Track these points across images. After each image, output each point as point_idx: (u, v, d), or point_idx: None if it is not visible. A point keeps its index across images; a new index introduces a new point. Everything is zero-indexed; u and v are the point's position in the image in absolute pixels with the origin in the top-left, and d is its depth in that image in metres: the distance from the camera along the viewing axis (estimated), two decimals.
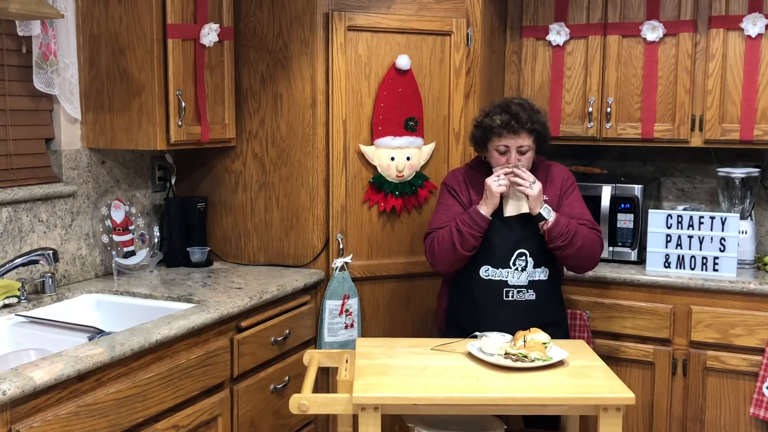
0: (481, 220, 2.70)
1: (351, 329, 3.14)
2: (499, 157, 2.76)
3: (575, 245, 2.70)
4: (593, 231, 2.79)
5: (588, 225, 2.78)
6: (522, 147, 2.73)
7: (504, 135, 2.72)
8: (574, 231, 2.70)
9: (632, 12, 3.38)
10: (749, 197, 3.37)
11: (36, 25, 2.63)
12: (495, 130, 2.73)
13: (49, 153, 2.82)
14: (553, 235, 2.68)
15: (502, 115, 2.73)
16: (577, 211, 2.81)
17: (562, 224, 2.68)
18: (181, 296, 2.67)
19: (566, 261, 2.79)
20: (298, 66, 3.09)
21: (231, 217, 3.29)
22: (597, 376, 2.34)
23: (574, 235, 2.69)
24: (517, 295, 2.75)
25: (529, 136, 2.74)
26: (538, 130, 2.76)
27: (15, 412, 1.82)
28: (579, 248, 2.72)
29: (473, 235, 2.70)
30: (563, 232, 2.68)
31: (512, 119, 2.71)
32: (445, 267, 2.81)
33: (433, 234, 2.81)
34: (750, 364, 3.03)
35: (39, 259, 2.51)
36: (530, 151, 2.76)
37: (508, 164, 2.73)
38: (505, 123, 2.71)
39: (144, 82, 2.78)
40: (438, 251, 2.76)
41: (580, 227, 2.74)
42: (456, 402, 2.21)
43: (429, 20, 3.18)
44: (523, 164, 2.74)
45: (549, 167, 2.90)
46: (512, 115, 2.72)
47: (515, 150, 2.73)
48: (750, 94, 3.20)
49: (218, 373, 2.51)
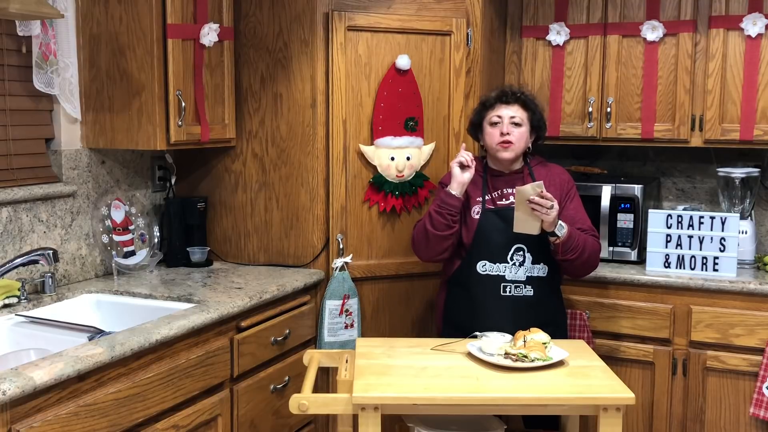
0: (448, 197, 2.74)
1: (351, 329, 3.14)
2: (492, 132, 2.80)
3: (582, 257, 2.74)
4: (595, 240, 2.82)
5: (590, 233, 2.81)
6: (514, 118, 2.78)
7: (497, 106, 2.81)
8: (583, 243, 2.73)
9: (632, 12, 3.38)
10: (749, 197, 3.37)
11: (36, 25, 2.63)
12: (488, 102, 2.84)
13: (49, 153, 2.82)
14: (564, 249, 2.70)
15: (497, 90, 2.87)
16: (579, 217, 2.83)
17: (574, 239, 2.70)
18: (181, 296, 2.67)
19: (567, 268, 2.81)
20: (298, 66, 3.09)
21: (231, 217, 3.29)
22: (597, 376, 2.34)
23: (583, 248, 2.73)
24: (515, 291, 2.75)
25: (522, 110, 2.80)
26: (532, 108, 2.82)
27: (15, 412, 1.82)
28: (585, 259, 2.76)
29: (441, 213, 2.74)
30: (574, 246, 2.70)
31: (505, 90, 2.84)
32: (424, 253, 2.86)
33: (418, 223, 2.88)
34: (750, 364, 3.03)
35: (39, 259, 2.50)
36: (524, 127, 2.79)
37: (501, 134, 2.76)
38: (498, 95, 2.83)
39: (144, 82, 2.78)
40: (415, 236, 2.87)
41: (587, 237, 2.77)
42: (456, 402, 2.21)
43: (429, 20, 3.18)
44: (516, 138, 2.76)
45: (549, 168, 2.91)
46: (506, 88, 2.87)
47: (507, 119, 2.78)
48: (750, 94, 3.20)
49: (218, 373, 2.51)
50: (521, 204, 2.60)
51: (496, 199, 2.84)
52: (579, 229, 2.77)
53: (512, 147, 2.77)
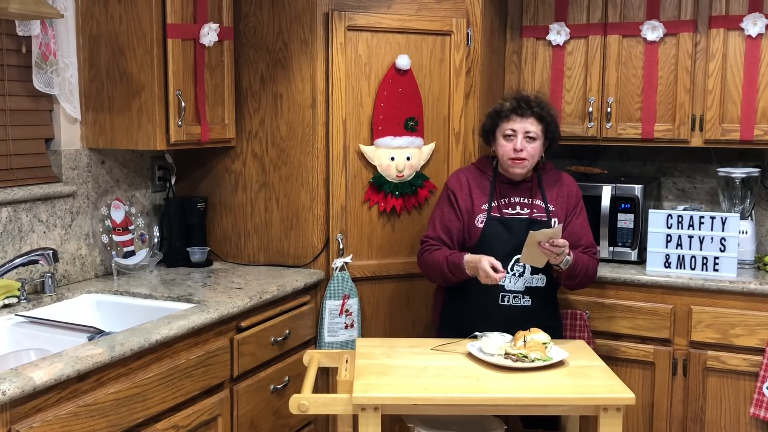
0: (461, 272, 2.70)
1: (351, 329, 3.14)
2: (505, 145, 2.76)
3: (583, 281, 2.80)
4: (595, 260, 2.84)
5: (590, 252, 2.82)
6: (529, 132, 2.73)
7: (512, 118, 2.75)
8: (584, 269, 2.75)
9: (632, 12, 3.38)
10: (749, 197, 3.37)
11: (36, 25, 2.63)
12: (504, 113, 2.77)
13: (49, 153, 2.82)
14: (567, 276, 2.73)
15: (512, 100, 2.79)
16: (583, 234, 2.83)
17: (577, 266, 2.72)
18: (181, 296, 2.67)
19: (565, 285, 2.83)
20: (298, 66, 3.09)
21: (231, 217, 3.29)
22: (597, 376, 2.34)
23: (585, 273, 2.76)
24: (513, 301, 2.75)
25: (537, 123, 2.75)
26: (547, 120, 2.77)
27: (15, 412, 1.82)
28: (585, 282, 2.83)
29: (450, 277, 2.75)
30: (576, 273, 2.73)
31: (522, 102, 2.76)
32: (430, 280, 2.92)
33: (425, 247, 2.85)
34: (750, 364, 3.03)
35: (39, 259, 2.50)
36: (538, 141, 2.75)
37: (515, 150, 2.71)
38: (513, 106, 2.76)
39: (144, 82, 2.78)
40: (426, 272, 2.88)
41: (588, 261, 2.78)
42: (456, 402, 2.21)
43: (429, 20, 3.18)
44: (530, 153, 2.73)
45: (559, 176, 2.90)
46: (522, 98, 2.77)
47: (522, 134, 2.73)
48: (750, 94, 3.20)
49: (218, 373, 2.51)
50: (532, 244, 2.59)
51: (502, 207, 2.81)
52: (581, 246, 2.79)
53: (525, 164, 2.74)
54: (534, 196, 2.82)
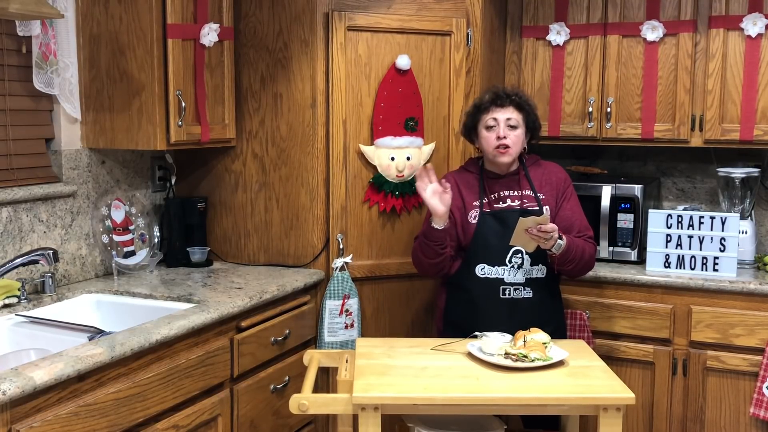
0: (432, 230, 2.71)
1: (351, 329, 3.14)
2: (488, 136, 2.78)
3: (579, 265, 2.77)
4: (591, 244, 2.83)
5: (586, 236, 2.82)
6: (510, 119, 2.76)
7: (491, 109, 2.79)
8: (580, 253, 2.74)
9: (632, 12, 3.38)
10: (749, 197, 3.37)
11: (36, 25, 2.63)
12: (483, 106, 2.81)
13: (49, 153, 2.82)
14: (561, 261, 2.72)
15: (490, 93, 2.84)
16: (576, 219, 2.83)
17: (572, 251, 2.71)
18: (181, 296, 2.67)
19: (563, 272, 2.82)
20: (298, 66, 3.09)
21: (231, 217, 3.29)
22: (597, 376, 2.34)
23: (581, 257, 2.74)
24: (514, 293, 2.75)
25: (517, 112, 2.78)
26: (527, 110, 2.81)
27: (15, 412, 1.82)
28: (582, 266, 2.79)
29: (428, 245, 2.74)
30: (571, 258, 2.72)
31: (499, 93, 2.81)
32: (425, 273, 2.89)
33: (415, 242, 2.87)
34: (750, 364, 3.03)
35: (39, 259, 2.50)
36: (519, 129, 2.78)
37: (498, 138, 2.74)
38: (492, 98, 2.81)
39: (144, 82, 2.78)
40: (414, 260, 2.88)
41: (584, 245, 2.77)
42: (456, 402, 2.21)
43: (429, 20, 3.18)
44: (513, 141, 2.75)
45: (544, 166, 2.91)
46: (499, 90, 2.84)
47: (504, 123, 2.76)
48: (750, 94, 3.20)
49: (218, 373, 2.51)
50: (521, 231, 2.60)
51: (493, 202, 2.83)
52: (574, 231, 2.78)
53: (510, 152, 2.76)
54: (522, 187, 2.84)
